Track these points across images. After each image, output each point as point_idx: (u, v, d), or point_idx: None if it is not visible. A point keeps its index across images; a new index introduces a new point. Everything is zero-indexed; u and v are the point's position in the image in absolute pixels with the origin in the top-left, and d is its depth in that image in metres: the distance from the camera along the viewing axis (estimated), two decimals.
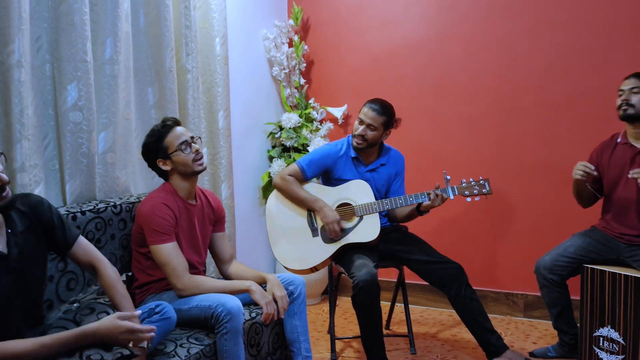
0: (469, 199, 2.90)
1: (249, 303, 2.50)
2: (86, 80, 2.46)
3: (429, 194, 2.84)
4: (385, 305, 3.56)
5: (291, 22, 4.13)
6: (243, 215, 3.74)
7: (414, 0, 3.90)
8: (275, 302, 2.40)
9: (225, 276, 2.64)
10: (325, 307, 3.93)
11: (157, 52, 2.88)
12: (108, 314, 1.90)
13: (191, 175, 2.48)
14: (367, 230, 2.91)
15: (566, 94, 3.52)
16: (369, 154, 3.07)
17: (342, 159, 3.05)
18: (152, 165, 2.50)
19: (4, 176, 1.68)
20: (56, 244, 1.94)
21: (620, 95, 2.80)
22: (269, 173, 3.92)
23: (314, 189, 3.02)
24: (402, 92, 3.87)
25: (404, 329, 3.38)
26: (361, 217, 2.93)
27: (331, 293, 3.23)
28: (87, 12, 2.46)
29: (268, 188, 3.89)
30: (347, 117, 4.15)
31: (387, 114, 2.97)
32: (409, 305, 3.25)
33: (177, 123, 2.50)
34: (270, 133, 4.07)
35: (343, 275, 3.09)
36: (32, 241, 1.85)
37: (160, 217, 2.35)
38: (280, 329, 2.55)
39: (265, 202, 3.95)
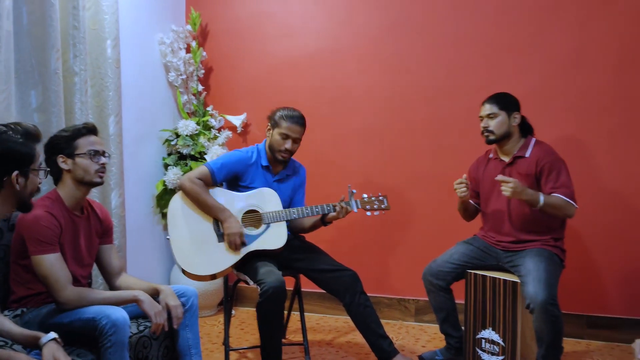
0: (369, 214, 3.03)
1: (138, 316, 2.41)
2: None
3: (334, 206, 2.92)
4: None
5: (189, 27, 4.06)
6: (135, 225, 3.61)
7: (311, 14, 3.97)
8: (169, 312, 2.33)
9: (114, 289, 2.53)
10: (222, 318, 3.88)
11: (41, 53, 2.72)
12: None
13: (87, 184, 2.37)
14: (274, 238, 2.92)
15: (453, 109, 3.71)
16: (278, 165, 3.10)
17: (254, 166, 3.06)
18: (50, 160, 2.34)
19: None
20: None
21: (481, 121, 3.01)
22: (164, 181, 3.82)
23: (222, 194, 2.98)
24: (301, 103, 3.87)
25: (300, 338, 3.39)
26: (268, 225, 2.93)
27: (226, 303, 3.19)
28: None
29: (162, 197, 3.79)
30: (246, 126, 4.13)
31: (305, 125, 3.07)
32: (306, 314, 3.27)
33: (96, 131, 2.40)
34: (166, 140, 3.97)
35: (240, 285, 3.06)
36: None
37: (45, 226, 2.22)
38: (171, 342, 2.47)
39: (160, 212, 3.86)
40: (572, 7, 3.48)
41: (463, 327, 3.10)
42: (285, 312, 3.49)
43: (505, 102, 2.97)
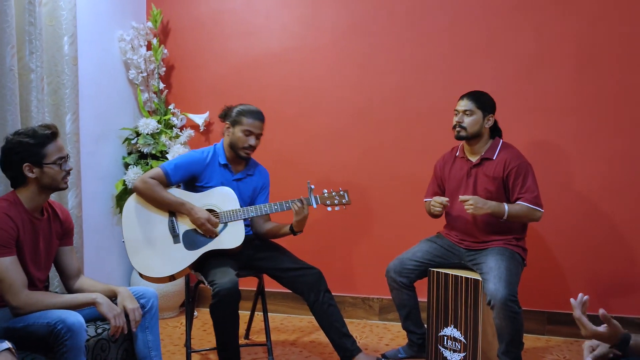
0: (329, 209, 3.01)
1: (96, 318, 2.36)
2: None
3: (294, 203, 2.89)
4: (245, 314, 3.54)
5: (150, 24, 3.99)
6: (94, 225, 3.53)
7: (275, 12, 3.94)
8: (127, 315, 2.28)
9: (72, 292, 2.46)
10: (184, 319, 3.81)
11: None
12: None
13: (51, 190, 2.31)
14: (231, 237, 2.89)
15: (418, 108, 3.73)
16: (238, 162, 3.07)
17: (210, 166, 3.02)
18: (11, 165, 2.25)
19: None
20: None
21: (455, 115, 3.02)
22: (124, 181, 3.74)
23: (178, 194, 2.94)
24: (266, 102, 3.85)
25: (264, 338, 3.37)
26: (225, 224, 2.90)
27: (188, 304, 3.14)
28: None
29: (122, 197, 3.71)
30: (209, 125, 4.08)
31: (264, 120, 3.06)
32: (270, 314, 3.25)
33: (58, 134, 2.32)
34: (126, 139, 3.89)
35: (201, 285, 3.02)
36: None
37: (1, 229, 2.14)
38: (130, 344, 2.42)
39: (120, 211, 3.78)
40: (530, 10, 3.53)
41: (426, 325, 3.12)
42: (249, 313, 3.47)
43: (484, 102, 2.99)
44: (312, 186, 2.97)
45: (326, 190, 3.03)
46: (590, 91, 3.47)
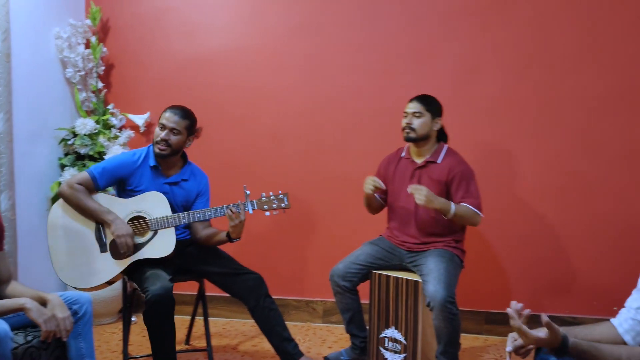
0: (267, 214, 2.90)
1: (27, 325, 2.26)
2: None
3: (229, 208, 2.81)
4: (185, 319, 3.48)
5: (88, 21, 3.88)
6: (28, 229, 3.39)
7: (216, 11, 3.90)
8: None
9: (2, 298, 2.35)
10: (122, 325, 3.71)
11: None
12: None
13: None
14: (161, 245, 2.78)
15: (361, 110, 3.76)
16: (170, 165, 2.97)
17: (140, 168, 2.91)
18: None
19: None
20: None
21: (405, 117, 3.06)
22: (60, 183, 3.62)
23: (105, 200, 2.83)
24: (208, 102, 3.84)
25: (204, 343, 3.31)
26: (155, 232, 2.81)
27: (125, 311, 3.06)
28: None
29: (58, 199, 3.58)
30: (149, 125, 3.99)
31: (189, 118, 2.93)
32: (212, 318, 3.20)
33: None
34: (63, 139, 3.76)
35: (138, 290, 2.94)
36: None
37: None
38: (62, 351, 2.32)
39: None
40: (472, 14, 3.62)
41: (368, 327, 3.14)
42: (189, 318, 3.41)
43: (433, 105, 3.04)
44: (248, 191, 2.87)
45: (264, 194, 2.91)
46: (529, 94, 3.57)
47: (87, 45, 3.90)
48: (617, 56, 3.46)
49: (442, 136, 3.12)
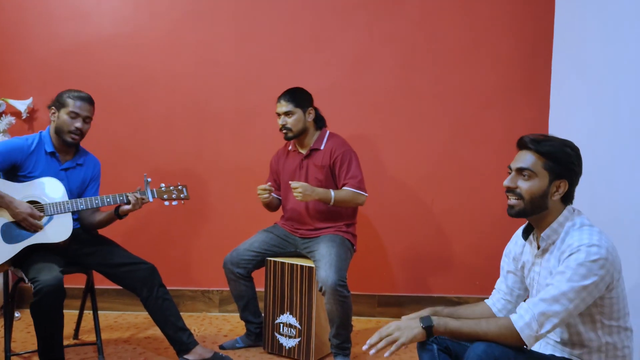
0: (167, 203, 2.93)
1: None
2: None
3: (128, 196, 2.78)
4: (73, 314, 3.34)
5: None
6: None
7: None
8: None
9: None
10: (3, 321, 3.51)
11: None
12: None
13: None
14: (57, 230, 2.71)
15: (255, 101, 3.76)
16: (67, 152, 2.90)
17: (35, 154, 2.81)
18: None
19: None
20: None
21: (278, 117, 3.12)
22: None
23: None
24: (97, 89, 3.61)
25: (94, 337, 3.20)
26: (51, 217, 2.71)
27: (6, 305, 2.89)
28: None
29: None
30: (32, 111, 3.77)
31: (94, 105, 2.92)
32: (103, 312, 3.10)
33: None
34: None
35: (22, 284, 2.79)
36: None
37: None
38: None
39: None
40: (361, 9, 3.72)
41: (263, 314, 3.17)
42: (77, 312, 3.29)
43: (300, 99, 3.09)
44: (149, 179, 2.87)
45: (164, 185, 2.93)
46: (412, 88, 3.74)
47: None
48: (497, 53, 3.71)
49: (320, 121, 3.20)
